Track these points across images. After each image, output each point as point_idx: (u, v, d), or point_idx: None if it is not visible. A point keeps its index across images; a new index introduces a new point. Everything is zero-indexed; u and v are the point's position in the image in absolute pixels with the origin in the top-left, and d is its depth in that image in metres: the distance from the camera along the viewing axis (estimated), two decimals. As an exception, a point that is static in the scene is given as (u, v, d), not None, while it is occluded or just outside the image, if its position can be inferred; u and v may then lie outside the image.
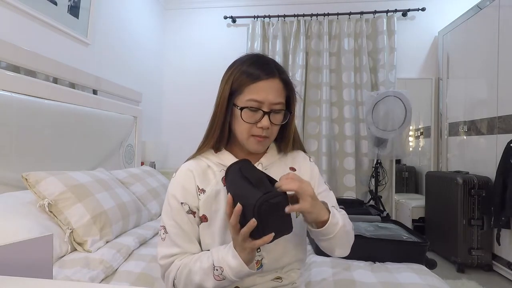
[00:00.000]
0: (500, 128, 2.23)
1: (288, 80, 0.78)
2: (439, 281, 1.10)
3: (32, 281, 0.49)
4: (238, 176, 0.67)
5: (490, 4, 2.37)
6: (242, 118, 0.73)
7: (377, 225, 1.59)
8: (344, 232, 0.72)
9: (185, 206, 0.76)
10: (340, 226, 0.70)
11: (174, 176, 0.79)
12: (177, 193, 0.76)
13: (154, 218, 1.76)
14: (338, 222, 0.70)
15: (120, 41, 2.51)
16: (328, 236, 0.70)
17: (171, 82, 3.36)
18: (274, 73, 0.74)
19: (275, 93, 0.74)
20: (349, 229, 0.77)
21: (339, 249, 0.76)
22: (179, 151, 3.25)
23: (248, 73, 0.74)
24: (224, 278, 0.66)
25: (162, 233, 0.77)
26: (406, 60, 3.07)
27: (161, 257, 0.75)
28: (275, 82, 0.74)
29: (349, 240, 0.78)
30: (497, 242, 2.18)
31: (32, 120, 1.45)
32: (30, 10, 1.61)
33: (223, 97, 0.76)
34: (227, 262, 0.65)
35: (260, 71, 0.73)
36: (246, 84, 0.73)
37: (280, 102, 0.75)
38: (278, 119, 0.76)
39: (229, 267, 0.65)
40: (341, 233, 0.71)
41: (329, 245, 0.74)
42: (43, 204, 1.18)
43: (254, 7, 3.23)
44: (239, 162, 0.73)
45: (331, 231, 0.69)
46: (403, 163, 3.40)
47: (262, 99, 0.72)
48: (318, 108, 3.05)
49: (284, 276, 0.79)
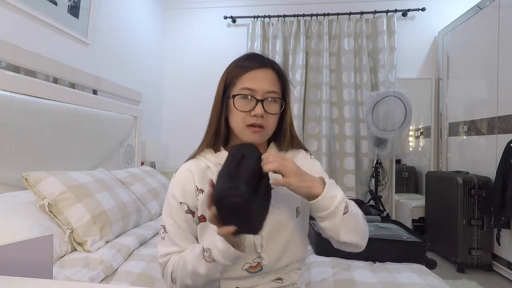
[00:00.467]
0: (500, 128, 2.23)
1: (281, 71, 0.78)
2: (439, 281, 1.10)
3: (32, 281, 0.49)
4: (231, 159, 0.65)
5: (490, 4, 2.37)
6: (235, 106, 0.73)
7: (377, 225, 1.59)
8: (352, 214, 0.68)
9: (184, 205, 0.76)
10: (339, 199, 0.66)
11: (174, 176, 0.80)
12: (176, 193, 0.77)
13: (154, 218, 1.76)
14: (336, 194, 0.66)
15: (120, 41, 2.51)
16: (326, 210, 0.65)
17: (171, 82, 3.36)
18: (266, 63, 0.76)
19: (268, 81, 0.74)
20: (357, 212, 0.70)
21: (344, 233, 0.67)
22: (179, 151, 3.25)
23: (241, 65, 0.75)
24: (214, 260, 0.65)
25: (162, 232, 0.77)
26: (406, 60, 3.07)
27: (160, 256, 0.76)
28: (268, 72, 0.75)
29: (359, 226, 0.70)
30: (497, 242, 2.18)
31: (32, 120, 1.45)
32: (30, 10, 1.61)
33: (218, 93, 0.78)
34: (215, 244, 0.64)
35: (253, 62, 0.75)
36: (239, 75, 0.74)
37: (274, 91, 0.74)
38: (273, 108, 0.75)
39: (217, 249, 0.64)
40: (343, 213, 0.66)
41: (331, 226, 0.67)
42: (43, 204, 1.18)
43: (254, 7, 3.23)
44: (245, 146, 0.69)
45: (328, 204, 0.65)
46: (403, 163, 3.40)
47: (255, 87, 0.72)
48: (318, 108, 3.05)
49: (284, 277, 0.79)
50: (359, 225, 0.71)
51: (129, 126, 2.34)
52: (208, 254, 0.65)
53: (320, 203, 0.65)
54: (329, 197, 0.65)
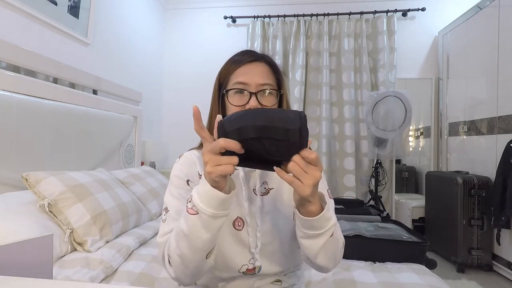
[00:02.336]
0: (500, 128, 2.23)
1: (273, 63, 0.77)
2: (439, 281, 1.10)
3: (32, 281, 0.49)
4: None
5: (490, 4, 2.37)
6: (229, 101, 0.72)
7: (377, 225, 1.59)
8: (335, 239, 0.64)
9: (189, 182, 0.74)
10: (331, 224, 0.62)
11: (178, 161, 0.79)
12: (180, 173, 0.75)
13: (154, 218, 1.76)
14: (331, 217, 0.62)
15: (120, 41, 2.51)
16: (317, 231, 0.61)
17: (171, 82, 3.36)
18: (258, 57, 0.75)
19: (260, 74, 0.72)
20: (339, 238, 0.67)
21: (322, 256, 0.64)
22: (179, 151, 3.23)
23: (233, 60, 0.75)
24: (197, 212, 0.57)
25: (163, 214, 0.73)
26: (406, 60, 3.07)
27: (160, 235, 0.69)
28: (260, 65, 0.74)
29: (336, 252, 0.67)
30: (497, 242, 2.18)
31: (32, 120, 1.45)
32: (30, 10, 1.61)
33: (214, 90, 0.77)
34: (196, 190, 0.58)
35: (244, 57, 0.74)
36: (232, 70, 0.74)
37: (268, 83, 0.72)
38: (268, 100, 0.72)
39: (197, 193, 0.57)
40: (330, 236, 0.62)
41: (313, 245, 0.63)
42: (43, 204, 1.18)
43: (254, 7, 3.23)
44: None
45: (321, 225, 0.61)
46: (403, 163, 3.40)
47: (247, 80, 0.71)
48: (318, 108, 3.05)
49: (283, 279, 0.79)
50: (337, 252, 0.67)
51: (129, 126, 2.34)
52: (191, 205, 0.58)
53: (315, 222, 0.60)
54: (325, 219, 0.61)
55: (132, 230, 1.47)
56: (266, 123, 0.52)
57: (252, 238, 0.73)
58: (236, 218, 0.74)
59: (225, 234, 0.72)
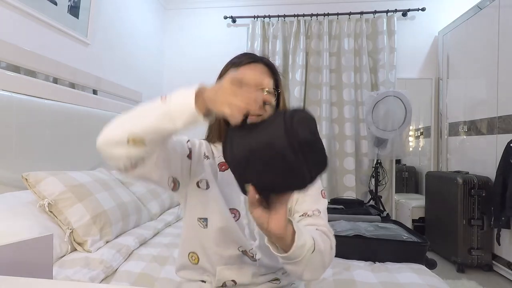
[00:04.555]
0: (500, 128, 2.23)
1: (271, 64, 0.79)
2: (439, 281, 1.10)
3: (32, 281, 0.49)
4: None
5: (490, 4, 2.37)
6: None
7: (377, 225, 1.59)
8: (318, 252, 0.60)
9: (189, 144, 0.77)
10: (307, 247, 0.57)
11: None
12: (193, 139, 0.80)
13: (154, 218, 1.76)
14: (305, 243, 0.57)
15: (120, 41, 2.51)
16: (294, 260, 0.57)
17: (171, 82, 3.36)
18: (256, 58, 0.78)
19: (259, 75, 0.74)
20: (325, 248, 0.63)
21: (308, 272, 0.62)
22: (179, 151, 3.24)
23: (232, 62, 0.78)
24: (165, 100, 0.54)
25: None
26: (406, 60, 3.07)
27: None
28: (259, 66, 0.77)
29: (324, 261, 0.64)
30: (497, 242, 2.18)
31: (32, 120, 1.45)
32: (30, 10, 1.61)
33: None
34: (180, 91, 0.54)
35: (243, 58, 0.77)
36: (231, 71, 0.76)
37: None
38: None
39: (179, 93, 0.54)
40: (310, 255, 0.58)
41: (295, 269, 0.60)
42: (43, 204, 1.18)
43: (254, 7, 3.23)
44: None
45: (297, 254, 0.56)
46: (403, 163, 3.40)
47: None
48: (318, 108, 3.05)
49: (281, 278, 0.79)
50: (324, 259, 0.64)
51: (129, 126, 2.33)
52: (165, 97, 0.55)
53: (289, 256, 0.56)
54: (299, 247, 0.56)
55: (132, 230, 1.47)
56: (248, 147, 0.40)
57: (247, 230, 0.75)
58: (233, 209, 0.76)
59: (226, 212, 0.74)
